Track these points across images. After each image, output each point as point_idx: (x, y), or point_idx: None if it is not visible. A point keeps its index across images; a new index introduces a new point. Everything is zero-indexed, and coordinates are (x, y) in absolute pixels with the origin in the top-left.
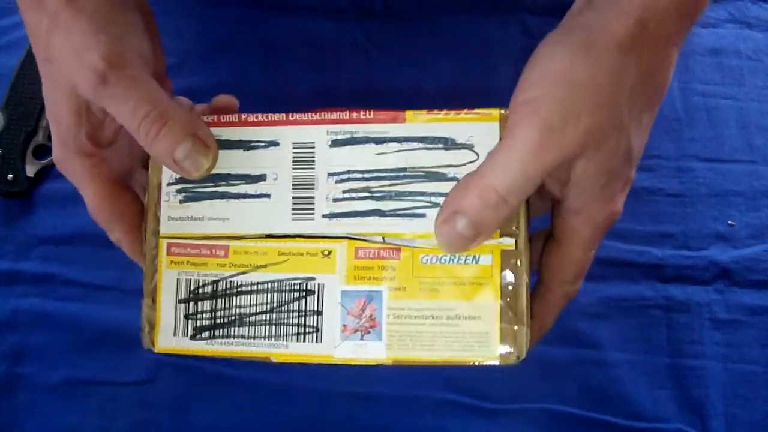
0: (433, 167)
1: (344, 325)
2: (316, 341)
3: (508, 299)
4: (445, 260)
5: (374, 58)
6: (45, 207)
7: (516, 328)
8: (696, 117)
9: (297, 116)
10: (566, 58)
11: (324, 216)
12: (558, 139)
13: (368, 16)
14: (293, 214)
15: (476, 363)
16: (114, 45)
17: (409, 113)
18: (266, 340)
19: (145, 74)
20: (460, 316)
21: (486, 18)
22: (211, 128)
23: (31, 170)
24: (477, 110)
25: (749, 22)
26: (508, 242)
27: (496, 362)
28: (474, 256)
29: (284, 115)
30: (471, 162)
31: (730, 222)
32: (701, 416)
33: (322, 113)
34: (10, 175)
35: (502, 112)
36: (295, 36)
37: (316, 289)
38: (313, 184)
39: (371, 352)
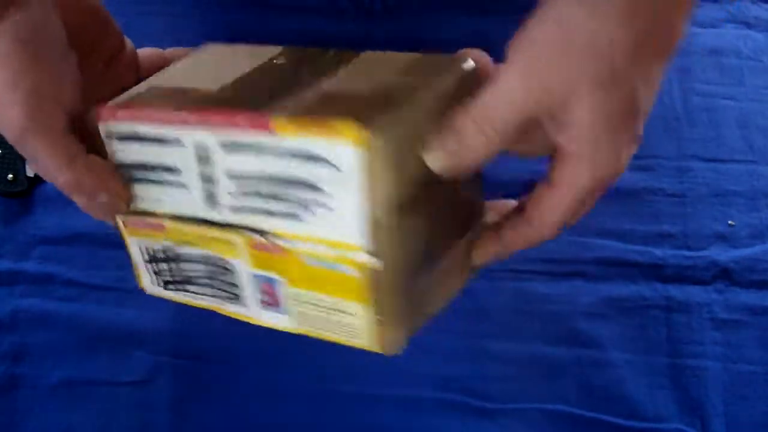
0: (303, 177)
1: (260, 300)
2: (244, 307)
3: (377, 302)
4: (320, 265)
5: None
6: (45, 207)
7: (387, 326)
8: (696, 117)
9: (193, 116)
10: (565, 3)
11: (226, 209)
12: (545, 75)
13: (368, 16)
14: (204, 204)
15: (363, 348)
16: (32, 99)
17: (278, 123)
18: (212, 298)
19: (60, 128)
20: (341, 310)
21: (486, 18)
22: (131, 123)
23: (31, 170)
24: (332, 122)
25: (749, 22)
26: (375, 263)
27: (381, 351)
28: (344, 266)
29: (184, 113)
30: (336, 174)
31: (730, 222)
32: (701, 416)
33: (208, 116)
34: (10, 175)
35: (362, 132)
36: (295, 36)
37: (233, 269)
38: (213, 181)
39: (282, 322)
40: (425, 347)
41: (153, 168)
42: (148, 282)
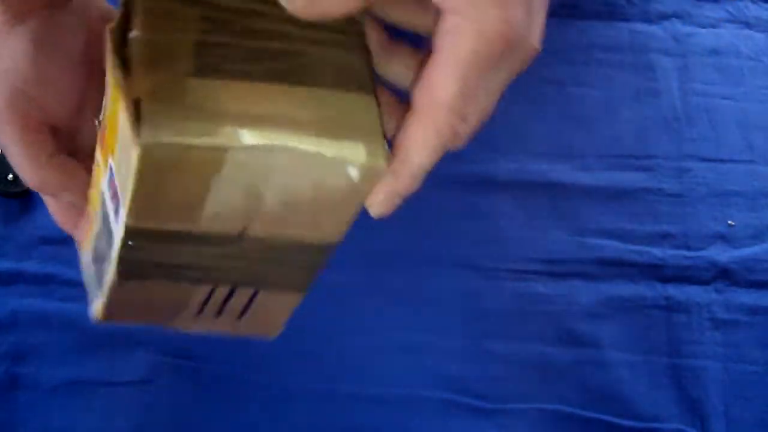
0: None
1: None
2: None
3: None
4: None
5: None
6: (45, 207)
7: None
8: (696, 117)
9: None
10: None
11: None
12: None
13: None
14: None
15: None
16: (11, 93)
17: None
18: None
19: (33, 127)
20: None
21: None
22: None
23: None
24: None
25: (749, 22)
26: None
27: None
28: None
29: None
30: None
31: (730, 222)
32: (701, 416)
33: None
34: (10, 175)
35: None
36: None
37: None
38: None
39: None
40: (425, 347)
41: None
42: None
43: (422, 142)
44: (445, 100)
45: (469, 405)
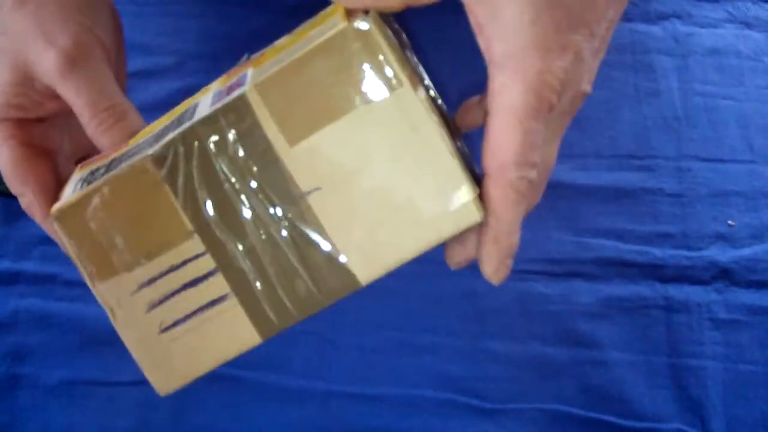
0: None
1: None
2: None
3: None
4: None
5: None
6: None
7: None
8: (696, 117)
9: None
10: None
11: None
12: None
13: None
14: None
15: None
16: (83, 35)
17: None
18: None
19: (107, 68)
20: None
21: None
22: None
23: None
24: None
25: (749, 22)
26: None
27: None
28: None
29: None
30: None
31: (730, 222)
32: (701, 416)
33: None
34: None
35: None
36: None
37: None
38: None
39: None
40: (425, 347)
41: None
42: None
43: (505, 202)
44: (511, 159)
45: (468, 405)
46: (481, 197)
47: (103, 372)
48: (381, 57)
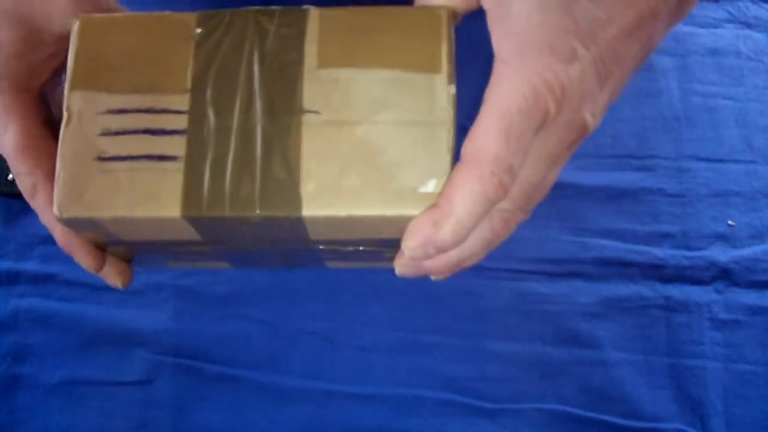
0: None
1: None
2: None
3: None
4: None
5: None
6: None
7: None
8: (696, 117)
9: None
10: None
11: None
12: None
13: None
14: None
15: None
16: None
17: None
18: None
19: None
20: None
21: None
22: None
23: None
24: None
25: (749, 22)
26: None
27: None
28: None
29: None
30: None
31: (730, 222)
32: (701, 416)
33: None
34: (10, 175)
35: None
36: None
37: None
38: None
39: None
40: (425, 347)
41: None
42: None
43: (466, 191)
44: (490, 149)
45: (468, 405)
46: None
47: (103, 372)
48: (441, 43)
